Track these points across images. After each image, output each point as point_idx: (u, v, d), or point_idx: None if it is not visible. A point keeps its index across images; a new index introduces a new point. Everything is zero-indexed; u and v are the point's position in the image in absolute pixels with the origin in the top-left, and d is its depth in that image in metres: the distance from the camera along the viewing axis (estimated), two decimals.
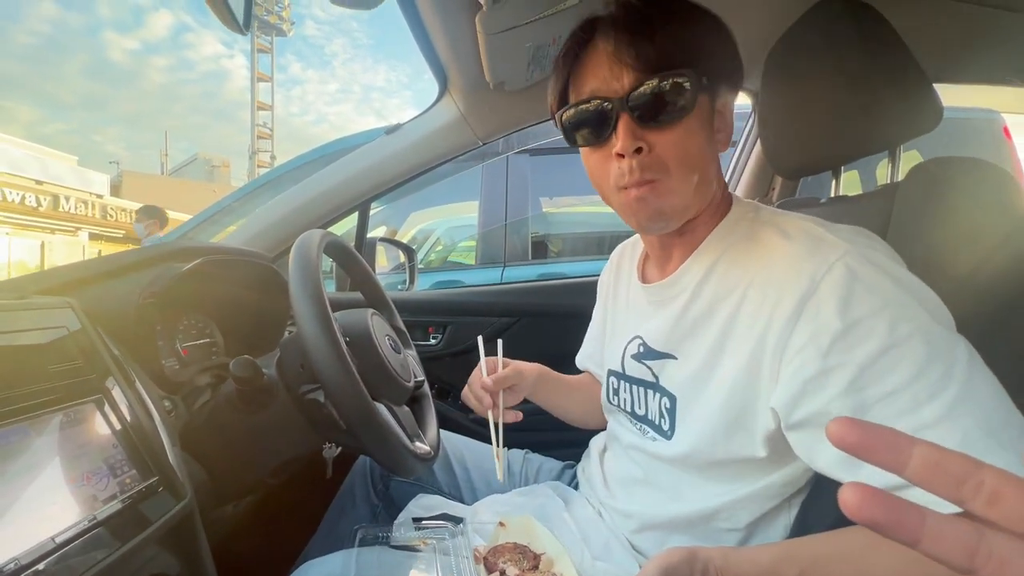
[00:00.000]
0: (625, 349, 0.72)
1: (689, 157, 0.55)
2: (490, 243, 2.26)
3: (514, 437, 1.28)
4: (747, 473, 0.59)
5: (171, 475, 0.52)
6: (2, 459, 0.39)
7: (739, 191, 1.32)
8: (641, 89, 0.53)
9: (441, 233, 3.08)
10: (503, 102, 1.03)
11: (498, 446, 0.74)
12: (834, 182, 0.86)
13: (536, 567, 0.62)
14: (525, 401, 0.89)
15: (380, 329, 0.80)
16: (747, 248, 0.57)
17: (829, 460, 0.47)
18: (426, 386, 0.95)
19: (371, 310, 0.82)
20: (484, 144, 1.13)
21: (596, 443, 0.86)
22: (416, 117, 1.10)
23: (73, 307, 0.52)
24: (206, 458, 0.68)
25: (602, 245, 2.40)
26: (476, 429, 1.27)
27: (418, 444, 0.78)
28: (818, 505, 0.59)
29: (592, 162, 0.60)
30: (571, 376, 0.92)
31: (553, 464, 0.95)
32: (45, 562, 0.38)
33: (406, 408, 0.81)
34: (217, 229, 2.18)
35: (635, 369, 0.70)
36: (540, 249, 2.35)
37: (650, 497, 0.68)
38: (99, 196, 13.40)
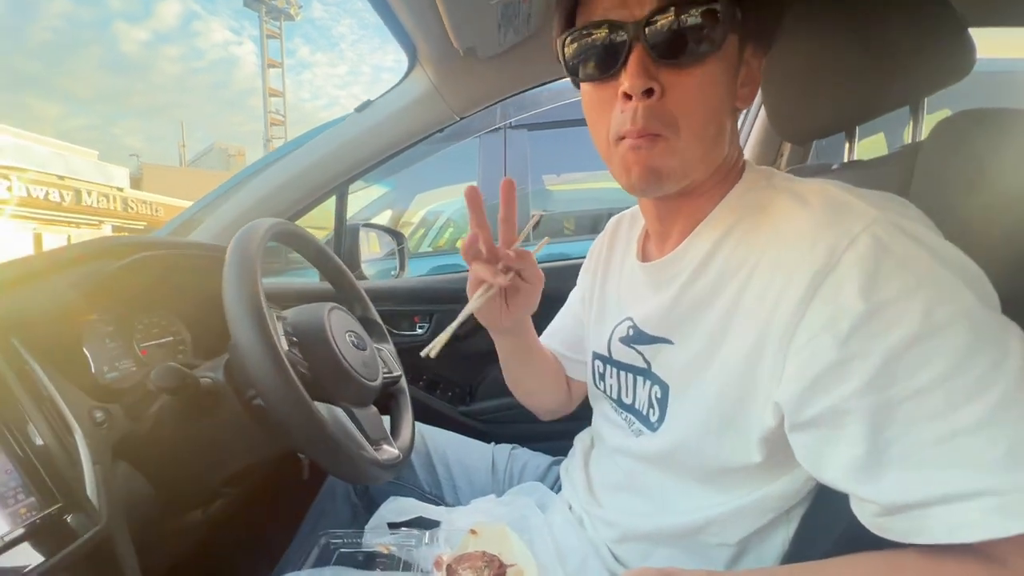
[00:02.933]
0: (613, 331, 0.64)
1: (705, 109, 0.47)
2: (491, 223, 2.19)
3: (501, 429, 1.23)
4: (740, 482, 0.52)
5: (81, 499, 0.47)
6: None
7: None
8: (664, 16, 0.44)
9: (451, 214, 3.01)
10: (478, 71, 0.94)
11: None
12: (848, 144, 0.75)
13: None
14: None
15: (340, 325, 0.74)
16: (758, 219, 0.49)
17: (840, 469, 0.40)
18: (403, 382, 0.89)
19: (331, 305, 0.76)
20: (462, 119, 1.04)
21: (582, 440, 0.79)
22: (386, 93, 1.02)
23: None
24: (150, 469, 0.63)
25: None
26: (464, 422, 1.21)
27: (385, 448, 0.72)
28: (821, 519, 0.52)
29: (592, 102, 0.50)
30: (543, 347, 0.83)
31: (540, 460, 0.90)
32: None
33: (373, 409, 0.76)
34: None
35: (623, 353, 0.62)
36: (543, 228, 2.26)
37: (634, 505, 0.62)
38: (119, 189, 13.64)
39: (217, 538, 0.84)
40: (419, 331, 1.24)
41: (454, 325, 0.55)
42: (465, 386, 1.26)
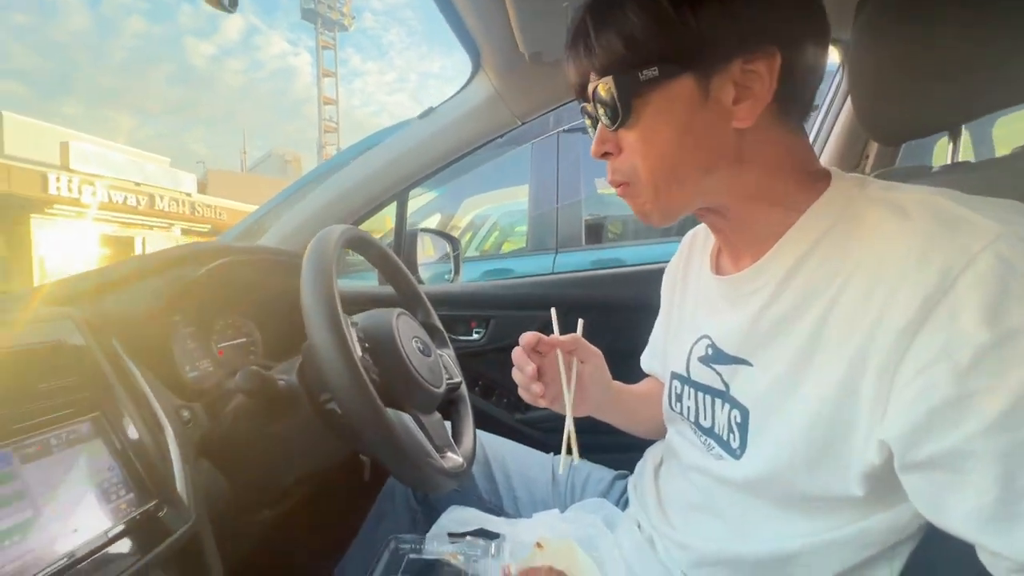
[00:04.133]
0: (691, 350, 0.61)
1: (652, 158, 0.48)
2: (541, 228, 2.17)
3: (560, 439, 1.21)
4: (836, 512, 0.48)
5: (175, 496, 0.49)
6: None
7: (823, 161, 1.13)
8: (592, 91, 0.49)
9: (498, 218, 3.03)
10: (540, 76, 0.93)
11: (570, 434, 0.62)
12: (951, 146, 0.69)
13: None
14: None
15: (407, 331, 0.74)
16: (848, 233, 0.45)
17: (966, 518, 0.36)
18: (463, 388, 0.89)
19: (398, 311, 0.76)
20: (523, 124, 1.04)
21: (652, 454, 0.76)
22: (449, 99, 1.03)
23: (74, 319, 0.50)
24: (227, 467, 0.65)
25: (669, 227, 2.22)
26: (521, 430, 1.20)
27: (449, 455, 0.72)
28: (931, 557, 0.47)
29: None
30: (642, 385, 0.82)
31: (603, 474, 0.87)
32: None
33: (438, 415, 0.76)
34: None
35: (701, 374, 0.59)
36: (595, 233, 2.22)
37: (712, 528, 0.58)
38: (188, 194, 14.61)
39: (282, 536, 0.87)
40: (475, 336, 1.24)
41: (569, 424, 0.62)
42: None
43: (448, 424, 0.81)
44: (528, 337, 0.64)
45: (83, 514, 0.42)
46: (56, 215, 11.02)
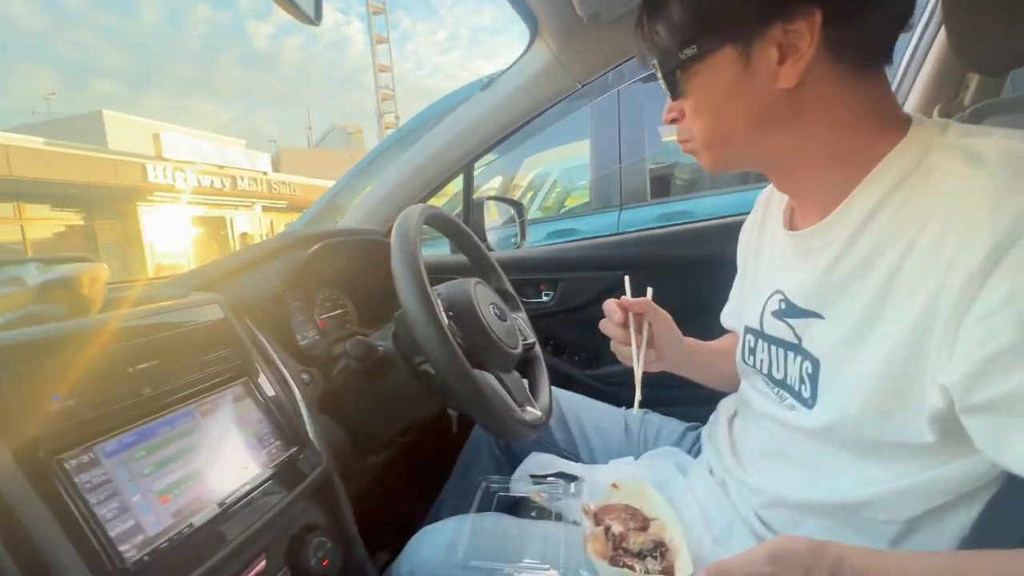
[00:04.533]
0: (765, 304, 0.63)
1: (704, 121, 0.54)
2: (605, 185, 2.14)
3: (629, 393, 1.25)
4: (909, 459, 0.49)
5: (309, 443, 0.60)
6: (176, 439, 0.48)
7: (913, 98, 1.03)
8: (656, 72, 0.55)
9: (558, 175, 3.01)
10: (598, 37, 0.92)
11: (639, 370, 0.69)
12: None
13: (644, 529, 0.60)
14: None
15: (484, 298, 0.81)
16: (923, 183, 0.44)
17: (1022, 454, 0.37)
18: (537, 348, 0.95)
19: (475, 280, 0.82)
20: (583, 87, 1.04)
21: (726, 406, 0.79)
22: (509, 68, 1.04)
23: (219, 302, 0.60)
24: (343, 420, 0.76)
25: (747, 173, 2.10)
26: (593, 385, 1.25)
27: (528, 409, 0.79)
28: (1013, 505, 0.47)
29: None
30: (719, 342, 0.85)
31: (675, 426, 0.91)
32: (215, 524, 0.46)
33: (516, 374, 0.83)
34: (354, 193, 2.38)
35: (775, 327, 0.61)
36: (661, 186, 2.16)
37: (784, 474, 0.61)
38: (264, 173, 15.56)
39: (387, 478, 1.00)
40: (544, 298, 1.29)
41: (638, 377, 0.68)
42: (591, 350, 1.30)
43: (525, 382, 0.88)
44: (608, 303, 0.71)
45: (248, 456, 0.53)
46: (156, 202, 12.19)
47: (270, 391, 0.60)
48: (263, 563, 0.50)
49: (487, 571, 0.60)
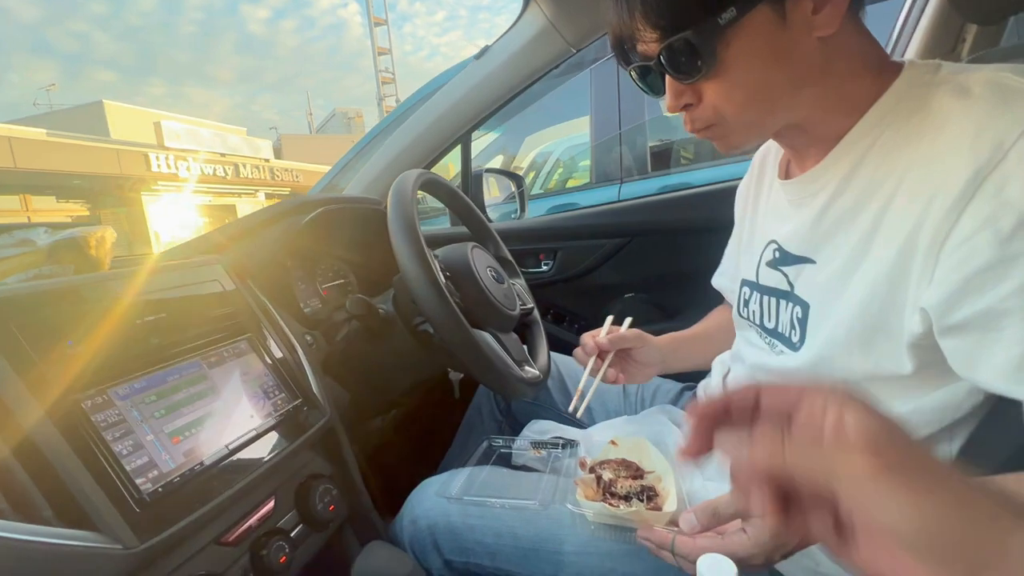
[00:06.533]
0: (761, 256, 0.64)
1: (740, 99, 0.48)
2: (605, 159, 2.13)
3: None
4: (891, 393, 0.50)
5: (313, 397, 0.62)
6: (184, 386, 0.50)
7: (912, 50, 1.02)
8: (659, 50, 0.47)
9: (559, 154, 2.99)
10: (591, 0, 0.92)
11: (584, 391, 0.74)
12: None
13: (637, 478, 0.62)
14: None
15: (481, 261, 0.82)
16: (911, 124, 0.45)
17: (996, 369, 0.38)
18: (535, 314, 0.97)
19: (472, 244, 0.84)
20: (578, 51, 1.03)
21: (719, 363, 0.81)
22: (503, 35, 1.04)
23: (223, 263, 0.62)
24: (347, 382, 0.79)
25: None
26: None
27: (527, 368, 0.81)
28: (990, 436, 0.49)
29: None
30: (700, 325, 0.87)
31: (671, 386, 0.93)
32: (224, 464, 0.48)
33: (514, 336, 0.85)
34: (353, 175, 2.39)
35: (769, 277, 0.62)
36: (662, 159, 2.15)
37: None
38: (266, 160, 15.54)
39: (392, 440, 1.03)
40: (544, 268, 1.30)
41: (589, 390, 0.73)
42: (591, 318, 1.31)
43: (525, 348, 0.90)
44: (584, 336, 0.76)
45: (254, 405, 0.55)
46: (160, 191, 12.23)
47: (274, 348, 0.63)
48: (271, 504, 0.53)
49: (477, 503, 0.63)
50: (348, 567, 0.51)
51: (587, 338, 0.75)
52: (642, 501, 0.57)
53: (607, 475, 0.62)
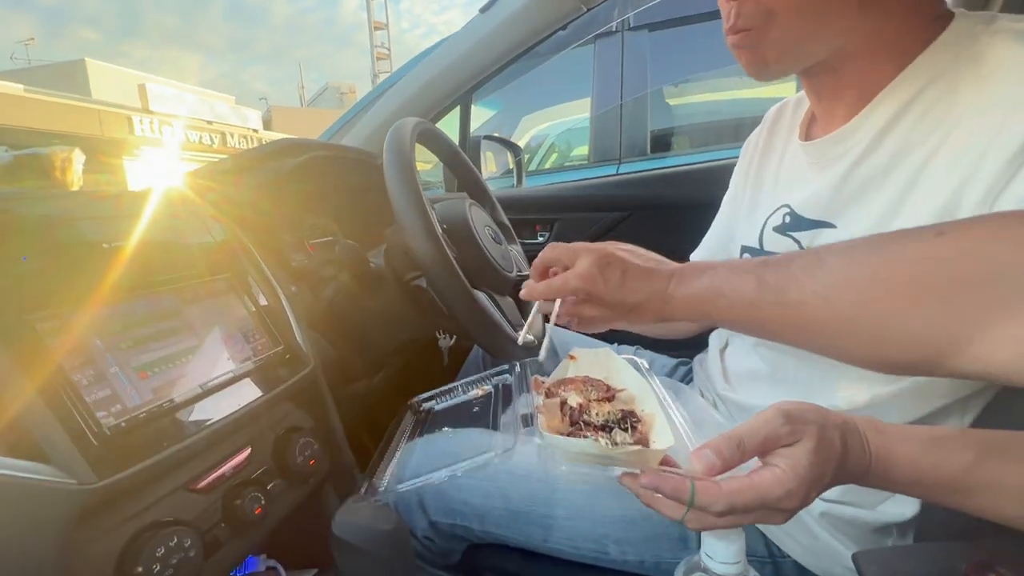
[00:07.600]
0: (767, 221, 0.61)
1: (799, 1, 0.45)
2: (604, 137, 2.09)
3: (623, 333, 1.25)
4: None
5: (296, 345, 0.58)
6: (155, 320, 0.46)
7: None
8: None
9: (554, 138, 2.94)
10: None
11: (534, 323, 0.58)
12: None
13: (609, 400, 0.47)
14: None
15: (479, 219, 0.78)
16: (962, 74, 0.42)
17: None
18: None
19: (469, 200, 0.80)
20: (589, 10, 0.99)
21: (716, 338, 0.78)
22: None
23: (202, 195, 0.57)
24: (333, 337, 0.75)
25: (740, 130, 2.06)
26: None
27: (521, 332, 0.78)
28: (1003, 410, 0.47)
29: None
30: None
31: (666, 360, 0.91)
32: (196, 404, 0.45)
33: (510, 300, 0.81)
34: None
35: (775, 243, 0.59)
36: (662, 143, 2.12)
37: (776, 395, 0.60)
38: (255, 131, 15.19)
39: (378, 407, 0.99)
40: (540, 239, 1.27)
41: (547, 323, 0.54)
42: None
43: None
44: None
45: (234, 346, 0.51)
46: (143, 157, 11.88)
47: (256, 291, 0.59)
48: (247, 453, 0.49)
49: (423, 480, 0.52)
50: (328, 522, 0.48)
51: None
52: (625, 431, 0.41)
53: (573, 399, 0.46)
